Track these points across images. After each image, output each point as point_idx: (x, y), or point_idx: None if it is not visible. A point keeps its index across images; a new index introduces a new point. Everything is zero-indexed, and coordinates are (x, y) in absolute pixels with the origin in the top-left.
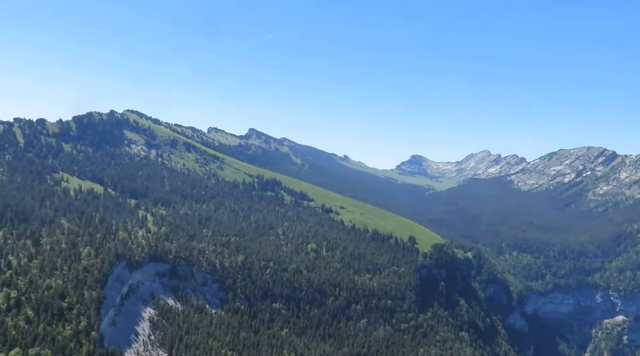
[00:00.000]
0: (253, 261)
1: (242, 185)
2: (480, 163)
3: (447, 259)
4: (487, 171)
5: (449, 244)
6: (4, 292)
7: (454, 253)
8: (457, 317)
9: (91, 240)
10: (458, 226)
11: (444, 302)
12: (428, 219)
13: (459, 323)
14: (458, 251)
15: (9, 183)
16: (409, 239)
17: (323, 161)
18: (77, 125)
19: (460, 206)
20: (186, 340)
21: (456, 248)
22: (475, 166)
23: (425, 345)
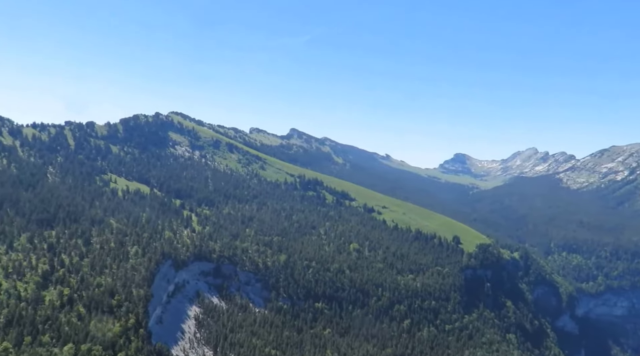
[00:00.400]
0: (295, 261)
1: (284, 185)
2: (526, 161)
3: (493, 260)
4: (534, 169)
5: (494, 244)
6: (57, 289)
7: (499, 253)
8: (503, 319)
9: (138, 239)
10: (504, 226)
11: (489, 303)
12: (473, 218)
13: (505, 325)
14: (504, 251)
15: (61, 184)
16: (453, 239)
17: (364, 160)
18: (124, 127)
19: (506, 205)
20: (230, 338)
21: (502, 248)
22: (522, 164)
23: (470, 346)
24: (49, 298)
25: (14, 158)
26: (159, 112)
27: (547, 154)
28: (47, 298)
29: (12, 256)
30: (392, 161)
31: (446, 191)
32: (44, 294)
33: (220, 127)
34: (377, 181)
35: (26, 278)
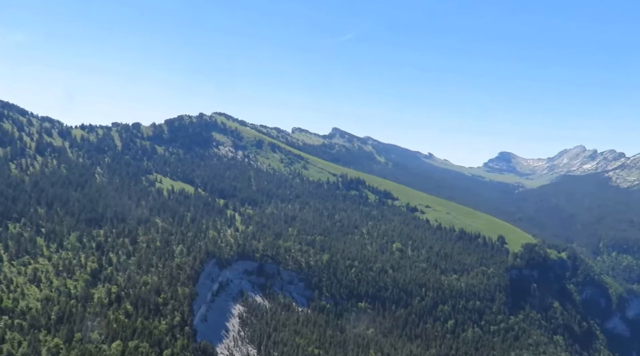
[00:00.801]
0: (338, 260)
1: (326, 184)
2: (574, 159)
3: (539, 260)
4: (582, 167)
5: (541, 244)
6: (105, 287)
7: (546, 253)
8: (550, 320)
9: (183, 238)
10: (550, 226)
11: (536, 304)
12: (518, 218)
13: (552, 327)
14: (551, 251)
15: (108, 184)
16: (497, 238)
17: (407, 159)
18: (168, 128)
19: (552, 204)
20: (274, 337)
21: (549, 248)
22: (569, 163)
23: (516, 348)
24: (97, 296)
25: (63, 159)
26: (202, 113)
27: (595, 152)
28: (96, 296)
29: (62, 255)
30: (435, 159)
31: (490, 190)
32: (93, 292)
33: (263, 127)
34: (420, 180)
35: (76, 276)
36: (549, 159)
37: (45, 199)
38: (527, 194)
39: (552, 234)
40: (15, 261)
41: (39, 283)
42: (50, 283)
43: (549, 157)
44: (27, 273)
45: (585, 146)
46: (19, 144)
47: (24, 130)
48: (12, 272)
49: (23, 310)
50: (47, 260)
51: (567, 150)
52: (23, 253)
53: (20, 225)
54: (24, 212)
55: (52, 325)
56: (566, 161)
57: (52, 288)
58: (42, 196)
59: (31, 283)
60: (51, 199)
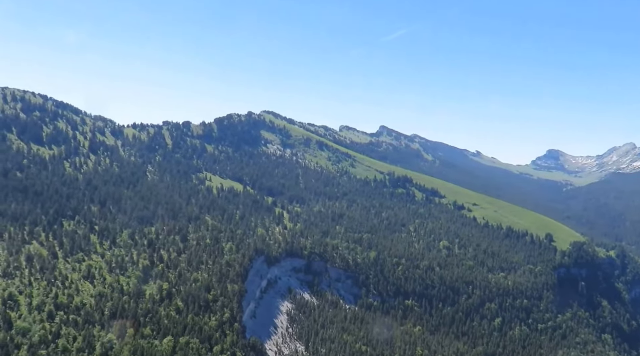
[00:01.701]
0: (385, 258)
1: (373, 182)
2: (624, 157)
3: (588, 259)
4: (631, 165)
5: (589, 242)
6: (157, 284)
7: (595, 251)
8: (598, 319)
9: (232, 236)
10: (599, 224)
11: (584, 303)
12: (566, 216)
13: (601, 325)
14: (599, 249)
15: (159, 183)
16: (545, 236)
17: (454, 157)
18: (218, 126)
19: (601, 202)
20: (322, 334)
21: (597, 246)
22: (619, 160)
23: (564, 346)
24: (149, 292)
25: (116, 158)
26: (251, 112)
27: None
28: (148, 292)
29: (115, 252)
30: (483, 157)
31: (538, 187)
32: (145, 289)
33: (311, 125)
34: (467, 178)
35: (128, 273)
36: (598, 156)
37: (99, 197)
38: (576, 192)
39: (601, 232)
40: (70, 258)
41: (92, 280)
42: (104, 280)
43: (598, 154)
44: (81, 270)
45: (636, 144)
46: (73, 143)
47: (78, 129)
48: (66, 269)
49: (77, 305)
50: (101, 257)
51: (616, 147)
52: (77, 250)
53: (75, 223)
54: (78, 210)
55: (106, 321)
56: (615, 159)
57: (105, 284)
58: (95, 194)
59: (85, 279)
60: (104, 197)
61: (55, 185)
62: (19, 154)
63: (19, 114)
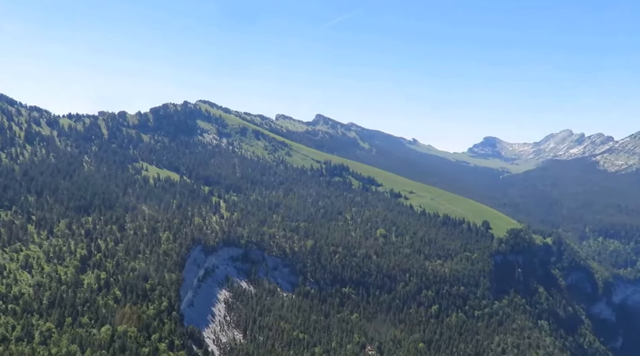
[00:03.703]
0: (322, 246)
1: (310, 171)
2: (561, 144)
3: (524, 245)
4: (568, 151)
5: (526, 229)
6: (94, 273)
7: (531, 238)
8: (535, 305)
9: (169, 225)
10: (536, 211)
11: (521, 289)
12: (503, 203)
13: (537, 312)
14: (536, 236)
15: (96, 173)
16: (482, 224)
17: (391, 145)
18: (154, 116)
19: (538, 189)
20: (259, 322)
21: (534, 233)
22: (556, 147)
23: (500, 333)
24: (87, 282)
25: (52, 148)
26: (187, 101)
27: (582, 136)
28: (86, 282)
29: (53, 242)
30: (419, 145)
31: (475, 175)
32: (83, 278)
33: (247, 114)
34: (404, 166)
35: (66, 262)
36: (535, 143)
37: (35, 187)
38: (513, 179)
39: (537, 219)
40: (8, 248)
41: (30, 269)
42: (42, 269)
43: (535, 141)
44: (19, 260)
45: (573, 130)
46: (9, 133)
47: (13, 120)
48: (4, 259)
49: (16, 295)
50: (38, 247)
51: (553, 134)
52: (15, 240)
53: (12, 213)
54: (15, 200)
55: (44, 310)
56: (553, 146)
57: (43, 274)
58: (32, 185)
59: (23, 269)
60: (41, 187)
61: None
62: None
63: None
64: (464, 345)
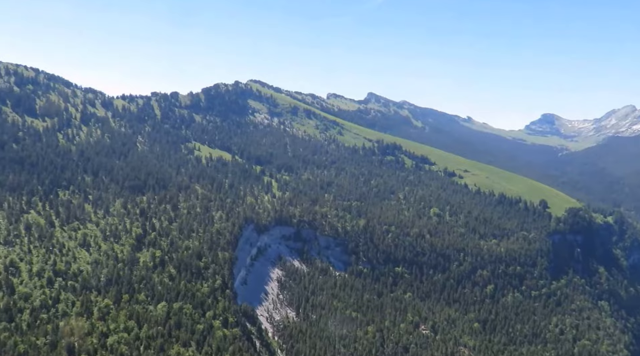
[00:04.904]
0: (375, 226)
1: (361, 150)
2: (623, 120)
3: (584, 225)
4: (631, 128)
5: (585, 208)
6: (150, 252)
7: (591, 217)
8: (595, 286)
9: (222, 205)
10: (596, 189)
11: (580, 269)
12: (561, 181)
13: (597, 292)
14: (597, 215)
15: (149, 153)
16: (539, 203)
17: (445, 123)
18: (205, 96)
19: (599, 167)
20: (312, 300)
21: (594, 212)
22: (617, 123)
23: (558, 313)
24: (142, 260)
25: (106, 129)
26: (238, 81)
27: None
28: (141, 260)
29: (109, 221)
30: (474, 123)
31: (532, 153)
32: (138, 256)
33: (298, 93)
34: (458, 144)
35: (122, 241)
36: (596, 120)
37: (92, 167)
38: (572, 157)
39: (598, 198)
40: (66, 227)
41: (88, 247)
42: (99, 248)
43: (596, 118)
44: (77, 238)
45: (636, 106)
46: (65, 115)
47: (69, 101)
48: (63, 237)
49: (75, 272)
50: (95, 226)
51: (615, 110)
52: (73, 218)
53: (69, 192)
54: (72, 180)
55: (102, 287)
56: (614, 122)
57: (100, 252)
58: (88, 165)
59: (81, 247)
60: (97, 167)
61: (49, 156)
62: (15, 126)
63: (12, 88)
64: (520, 325)
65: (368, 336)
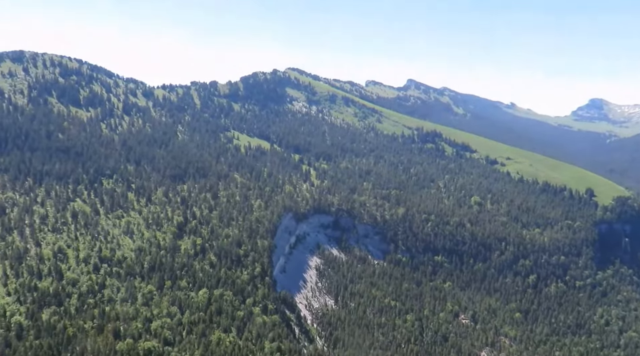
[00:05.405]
0: (414, 214)
1: (401, 138)
2: None
3: (633, 214)
4: None
5: (635, 196)
6: (191, 239)
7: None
8: None
9: (261, 193)
10: None
11: (627, 260)
12: (609, 169)
13: None
14: None
15: (189, 142)
16: (585, 191)
17: (487, 109)
18: (244, 85)
19: None
20: (351, 289)
21: None
22: None
23: (604, 304)
24: (184, 247)
25: (148, 118)
26: (276, 69)
27: None
28: (183, 247)
29: (151, 209)
30: (518, 109)
31: (579, 140)
32: (180, 244)
33: (336, 81)
34: (500, 131)
35: (164, 229)
36: None
37: (134, 156)
38: (621, 143)
39: None
40: (111, 215)
41: (132, 235)
42: (142, 235)
43: None
44: (121, 226)
45: None
46: (108, 105)
47: (112, 91)
48: (108, 224)
49: (119, 259)
50: (138, 213)
51: None
52: (116, 207)
53: (113, 181)
54: (116, 169)
55: (146, 273)
56: None
57: (143, 239)
58: (130, 154)
59: (125, 235)
60: (139, 156)
61: (94, 146)
62: (60, 116)
63: (57, 79)
64: (563, 316)
65: (407, 325)
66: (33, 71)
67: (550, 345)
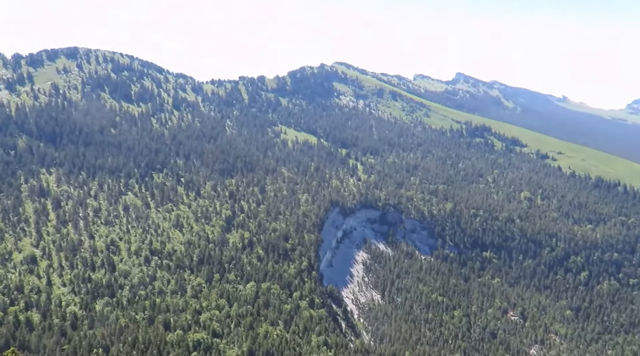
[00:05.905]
0: (462, 209)
1: (449, 132)
2: None
3: None
4: None
5: None
6: (239, 233)
7: None
8: None
9: (308, 188)
10: None
11: None
12: None
13: None
14: None
15: (237, 136)
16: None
17: (538, 103)
18: (291, 80)
19: None
20: (397, 284)
21: None
22: None
23: None
24: (232, 241)
25: (197, 113)
26: (323, 64)
27: None
28: (231, 241)
29: (200, 202)
30: (570, 102)
31: (634, 134)
32: (228, 237)
33: (384, 75)
34: (552, 125)
35: (212, 222)
36: None
37: (183, 151)
38: None
39: None
40: (161, 208)
41: (181, 228)
42: (191, 228)
43: None
44: (171, 219)
45: None
46: (158, 100)
47: (162, 87)
48: (158, 218)
49: (169, 251)
50: (187, 207)
51: None
52: (167, 200)
53: (163, 175)
54: (166, 163)
55: (195, 266)
56: None
57: (192, 233)
58: (180, 148)
59: (175, 228)
60: (188, 151)
61: (144, 140)
62: (112, 111)
63: (109, 74)
64: (616, 314)
65: (454, 321)
66: (86, 66)
67: (602, 344)
